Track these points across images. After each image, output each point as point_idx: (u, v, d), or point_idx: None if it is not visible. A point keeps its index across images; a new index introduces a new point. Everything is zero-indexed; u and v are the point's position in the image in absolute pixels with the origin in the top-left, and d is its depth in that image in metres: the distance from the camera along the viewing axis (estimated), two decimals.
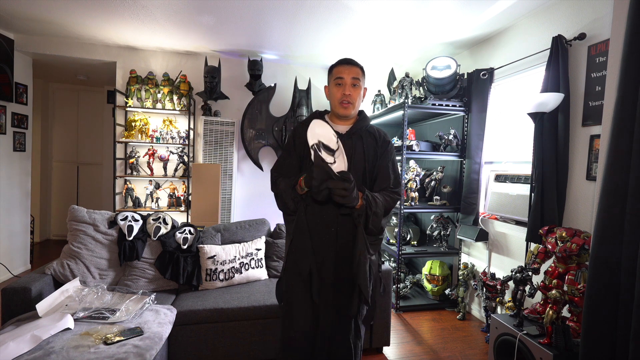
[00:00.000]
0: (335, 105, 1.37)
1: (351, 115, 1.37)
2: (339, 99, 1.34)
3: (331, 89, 1.38)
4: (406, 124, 2.93)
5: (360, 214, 1.27)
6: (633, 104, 1.29)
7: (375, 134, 1.40)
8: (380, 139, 1.40)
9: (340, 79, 1.33)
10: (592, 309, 1.39)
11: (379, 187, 1.37)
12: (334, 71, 1.37)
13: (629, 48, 1.30)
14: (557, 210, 2.13)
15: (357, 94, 1.35)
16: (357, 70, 1.35)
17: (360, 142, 1.36)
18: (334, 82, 1.36)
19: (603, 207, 1.36)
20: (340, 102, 1.34)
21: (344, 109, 1.34)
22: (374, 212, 1.26)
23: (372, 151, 1.37)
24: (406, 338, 2.50)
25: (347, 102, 1.33)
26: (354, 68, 1.35)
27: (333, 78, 1.36)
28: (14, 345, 1.31)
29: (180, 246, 2.19)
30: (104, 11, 2.66)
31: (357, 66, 1.36)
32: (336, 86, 1.35)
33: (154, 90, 3.45)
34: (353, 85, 1.33)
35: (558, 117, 2.15)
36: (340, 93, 1.34)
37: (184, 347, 1.86)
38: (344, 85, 1.33)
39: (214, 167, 3.27)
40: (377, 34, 2.94)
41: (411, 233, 3.34)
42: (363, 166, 1.35)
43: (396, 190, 1.38)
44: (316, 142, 1.23)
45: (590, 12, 2.04)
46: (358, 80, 1.34)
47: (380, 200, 1.30)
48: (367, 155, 1.35)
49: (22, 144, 3.53)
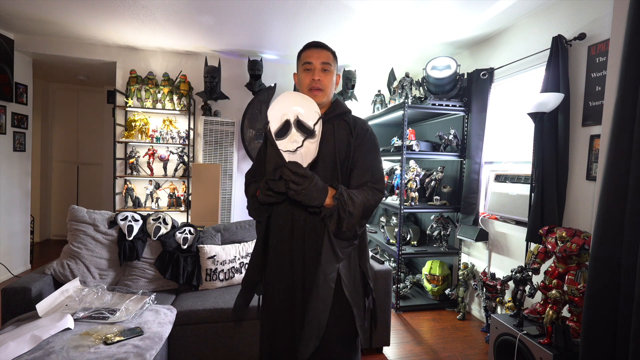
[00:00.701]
0: (304, 92, 1.20)
1: (322, 104, 1.20)
2: (308, 84, 1.18)
3: (300, 75, 1.23)
4: (406, 124, 2.93)
5: (329, 214, 1.07)
6: (633, 104, 1.29)
7: (350, 123, 1.21)
8: (357, 128, 1.21)
9: (309, 64, 1.18)
10: (592, 309, 1.39)
11: (357, 182, 1.17)
12: (302, 56, 1.22)
13: (629, 48, 1.30)
14: (557, 210, 2.13)
15: (328, 80, 1.20)
16: (327, 54, 1.20)
17: (331, 131, 1.19)
18: (302, 67, 1.21)
19: (603, 207, 1.36)
20: (309, 88, 1.18)
21: (313, 96, 1.17)
22: (349, 212, 1.06)
23: (344, 142, 1.18)
24: (406, 338, 2.50)
25: (316, 88, 1.18)
26: (324, 52, 1.20)
27: (301, 63, 1.21)
28: (14, 345, 1.31)
29: (180, 246, 2.19)
30: (104, 11, 2.66)
31: (327, 50, 1.21)
32: (304, 72, 1.20)
33: (154, 90, 3.45)
34: (323, 70, 1.18)
35: (558, 117, 2.15)
36: (309, 79, 1.18)
37: (184, 347, 1.86)
38: (313, 70, 1.18)
39: (214, 167, 3.27)
40: (377, 34, 2.94)
41: (411, 233, 3.34)
42: (333, 158, 1.16)
43: (377, 187, 1.16)
44: (294, 117, 1.04)
45: (590, 12, 2.04)
46: (329, 65, 1.19)
47: (358, 199, 1.09)
48: (337, 146, 1.17)
49: (22, 144, 3.53)
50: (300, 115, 1.05)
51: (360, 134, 1.20)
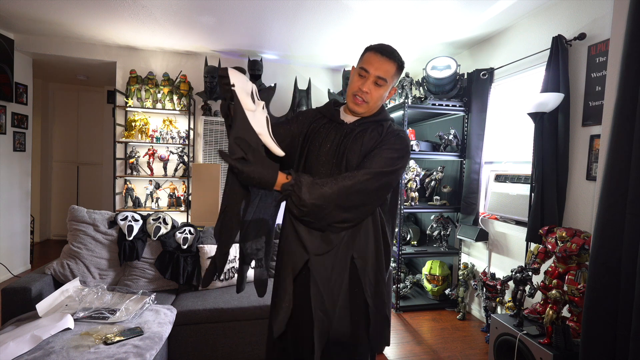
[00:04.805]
0: (348, 95, 1.10)
1: (361, 115, 1.12)
2: (354, 91, 1.07)
3: (353, 75, 1.10)
4: (406, 124, 2.93)
5: (283, 196, 0.96)
6: (633, 103, 1.29)
7: (385, 128, 1.10)
8: (388, 130, 1.10)
9: (365, 72, 1.05)
10: (592, 309, 1.39)
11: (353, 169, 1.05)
12: (364, 56, 1.09)
13: (629, 48, 1.30)
14: (557, 210, 2.13)
15: (377, 95, 1.07)
16: (389, 67, 1.05)
17: (363, 132, 1.09)
18: (358, 69, 1.08)
19: (603, 207, 1.36)
20: (353, 94, 1.07)
21: (355, 104, 1.08)
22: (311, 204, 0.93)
23: (371, 143, 1.08)
24: (406, 338, 2.50)
25: (360, 99, 1.06)
26: (387, 64, 1.05)
27: (359, 64, 1.09)
28: (14, 345, 1.31)
29: (180, 246, 2.19)
30: (104, 11, 2.66)
31: (392, 61, 1.06)
32: (358, 76, 1.08)
33: (154, 90, 3.45)
34: (376, 83, 1.05)
35: (558, 117, 2.15)
36: (357, 86, 1.06)
37: (184, 347, 1.86)
38: (366, 79, 1.05)
39: (214, 167, 3.27)
40: (377, 34, 2.94)
41: (411, 233, 3.34)
42: (358, 159, 1.07)
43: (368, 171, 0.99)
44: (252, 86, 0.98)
45: (590, 12, 2.04)
46: (384, 81, 1.06)
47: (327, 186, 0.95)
48: (365, 146, 1.07)
49: (22, 144, 3.53)
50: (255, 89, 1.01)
51: (388, 133, 1.09)
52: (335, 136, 1.12)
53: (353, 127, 1.12)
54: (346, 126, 1.12)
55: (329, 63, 3.84)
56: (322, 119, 1.17)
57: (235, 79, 0.93)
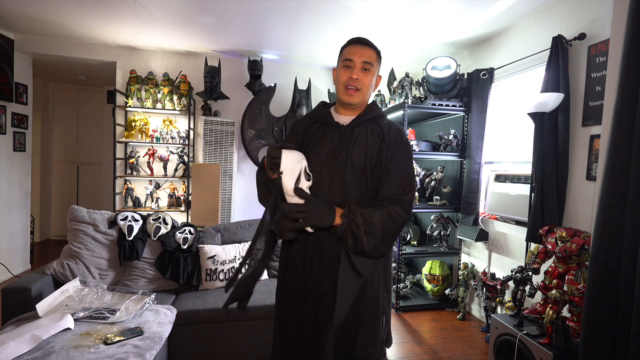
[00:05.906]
0: (339, 90, 1.14)
1: (357, 105, 1.15)
2: (345, 82, 1.11)
3: (338, 71, 1.16)
4: (406, 124, 2.93)
5: (341, 232, 1.01)
6: (633, 103, 1.29)
7: (384, 128, 1.13)
8: (390, 134, 1.12)
9: (349, 61, 1.11)
10: (592, 309, 1.39)
11: (386, 193, 1.07)
12: (343, 51, 1.15)
13: (629, 48, 1.30)
14: (557, 210, 2.13)
15: (367, 81, 1.12)
16: (370, 52, 1.12)
17: (364, 134, 1.12)
18: (342, 63, 1.14)
19: (603, 207, 1.36)
20: (345, 86, 1.12)
21: (348, 96, 1.11)
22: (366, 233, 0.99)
23: (376, 147, 1.10)
24: (406, 338, 2.50)
25: (353, 87, 1.11)
26: (367, 50, 1.12)
27: (342, 59, 1.14)
28: (14, 345, 1.31)
29: (180, 246, 2.19)
30: (104, 11, 2.66)
31: (371, 48, 1.13)
32: (343, 68, 1.13)
33: (154, 90, 3.45)
34: (363, 69, 1.11)
35: (558, 117, 2.15)
36: (346, 76, 1.11)
37: (184, 347, 1.86)
38: (353, 68, 1.11)
39: (214, 167, 3.27)
40: (377, 34, 2.94)
41: (411, 233, 3.34)
42: (363, 164, 1.08)
43: (404, 204, 1.06)
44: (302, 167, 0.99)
45: (590, 12, 2.04)
46: (370, 65, 1.11)
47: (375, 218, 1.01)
48: (369, 151, 1.09)
49: (22, 144, 3.53)
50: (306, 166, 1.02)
51: (395, 141, 1.11)
52: (333, 139, 1.13)
53: (351, 128, 1.13)
54: (342, 128, 1.14)
55: (329, 63, 3.84)
56: (315, 124, 1.19)
57: (285, 163, 0.95)
